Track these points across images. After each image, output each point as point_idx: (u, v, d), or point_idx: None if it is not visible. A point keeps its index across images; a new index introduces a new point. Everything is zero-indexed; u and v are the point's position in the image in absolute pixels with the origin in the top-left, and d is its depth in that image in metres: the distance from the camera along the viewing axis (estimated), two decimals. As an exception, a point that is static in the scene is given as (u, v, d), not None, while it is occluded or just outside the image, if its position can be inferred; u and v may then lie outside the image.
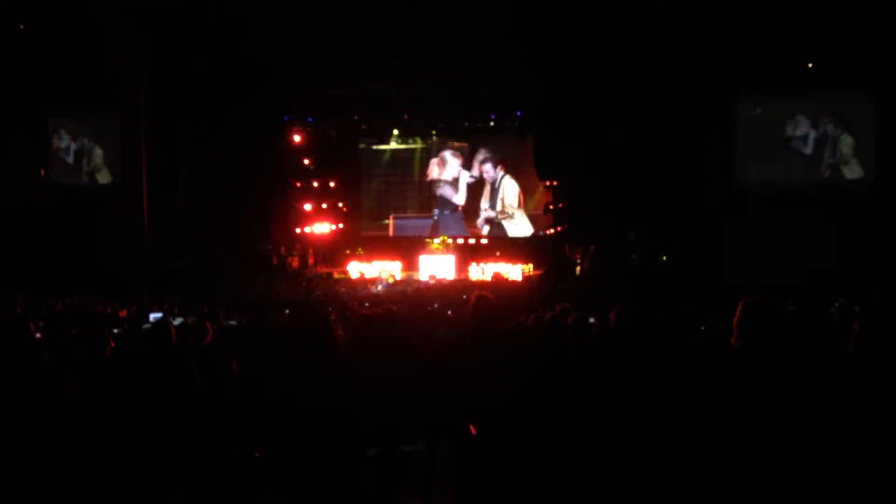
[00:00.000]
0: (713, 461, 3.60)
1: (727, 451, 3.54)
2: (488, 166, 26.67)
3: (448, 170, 27.19)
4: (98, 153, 23.63)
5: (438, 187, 27.33)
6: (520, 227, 26.68)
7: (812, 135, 20.06)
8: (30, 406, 4.47)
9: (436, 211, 27.42)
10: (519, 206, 26.60)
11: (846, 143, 19.82)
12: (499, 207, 26.77)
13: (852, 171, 19.88)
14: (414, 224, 27.60)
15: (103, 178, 23.68)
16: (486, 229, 26.90)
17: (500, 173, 26.64)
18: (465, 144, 26.69)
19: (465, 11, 20.15)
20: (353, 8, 20.27)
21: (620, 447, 4.13)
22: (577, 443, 4.31)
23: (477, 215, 26.94)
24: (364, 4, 20.29)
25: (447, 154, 27.06)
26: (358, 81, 24.21)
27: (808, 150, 20.13)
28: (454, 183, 27.17)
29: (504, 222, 26.78)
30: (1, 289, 15.68)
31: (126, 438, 4.52)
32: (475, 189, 27.00)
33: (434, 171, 27.28)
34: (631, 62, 18.80)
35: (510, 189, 26.64)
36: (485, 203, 26.96)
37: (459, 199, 27.13)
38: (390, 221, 27.92)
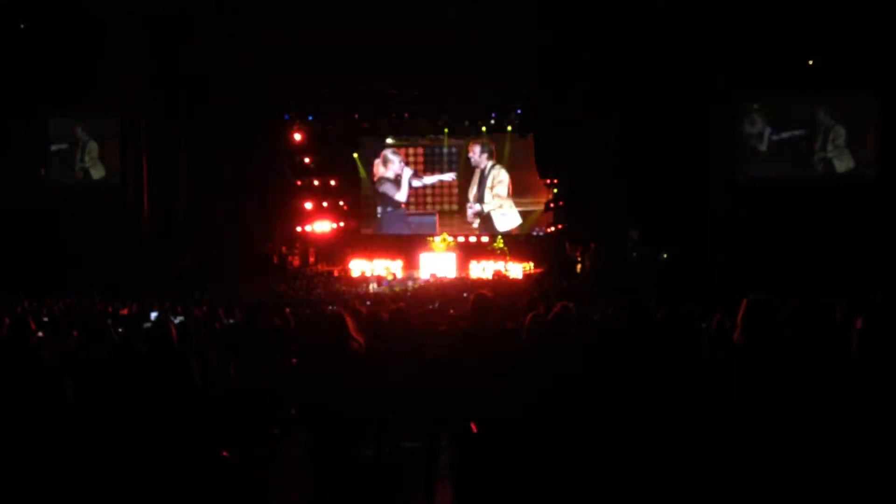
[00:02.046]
0: (716, 460, 3.60)
1: (731, 450, 3.54)
2: (476, 151, 26.80)
3: (390, 168, 27.46)
4: (93, 147, 23.65)
5: (381, 185, 27.64)
6: (509, 218, 26.74)
7: (767, 132, 20.32)
8: (30, 406, 4.47)
9: (378, 209, 27.76)
10: (508, 195, 26.70)
11: (840, 134, 19.88)
12: (487, 198, 26.84)
13: (844, 164, 19.93)
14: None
15: (97, 172, 23.67)
16: (475, 223, 27.02)
17: (490, 162, 26.75)
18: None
19: (465, 10, 20.12)
20: (355, 7, 20.23)
21: (624, 446, 4.12)
22: (579, 442, 4.30)
23: (465, 209, 27.11)
24: (365, 4, 20.26)
25: (388, 152, 27.32)
26: (359, 81, 24.21)
27: (763, 147, 20.45)
28: (396, 181, 27.42)
29: (493, 213, 26.80)
30: (1, 289, 15.65)
31: (126, 438, 4.51)
32: (463, 181, 27.11)
33: (379, 170, 27.57)
34: (631, 61, 18.77)
35: (500, 179, 26.72)
36: (472, 191, 27.01)
37: (402, 196, 27.35)
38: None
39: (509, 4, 19.87)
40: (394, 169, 27.64)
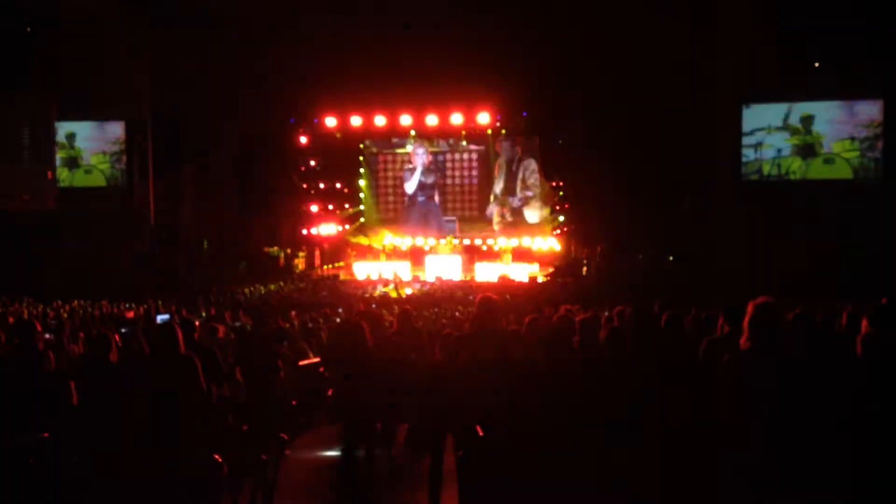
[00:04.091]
0: (720, 462, 3.59)
1: (735, 452, 3.53)
2: (505, 144, 26.19)
3: (415, 159, 27.41)
4: (104, 156, 23.79)
5: (392, 186, 27.73)
6: (537, 210, 26.03)
7: (772, 134, 20.28)
8: (36, 408, 4.48)
9: (389, 209, 27.90)
10: (540, 185, 25.92)
11: (855, 137, 19.85)
12: (519, 189, 26.08)
13: (849, 165, 19.86)
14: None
15: (110, 179, 23.82)
16: (496, 220, 26.57)
17: (518, 155, 26.11)
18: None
19: (472, 13, 20.15)
20: (360, 8, 20.28)
21: (626, 448, 4.12)
22: (584, 445, 4.29)
23: (487, 203, 26.74)
24: (369, 7, 20.31)
25: (415, 147, 27.14)
26: (363, 82, 24.23)
27: (765, 149, 20.37)
28: (411, 181, 27.37)
29: (524, 208, 26.10)
30: (9, 292, 15.72)
31: (132, 441, 4.52)
32: (487, 173, 26.82)
33: (390, 171, 27.79)
34: (638, 62, 18.77)
35: (531, 167, 26.02)
36: (499, 187, 26.47)
37: (410, 187, 27.27)
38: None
39: (511, 6, 19.89)
40: (418, 160, 27.42)
